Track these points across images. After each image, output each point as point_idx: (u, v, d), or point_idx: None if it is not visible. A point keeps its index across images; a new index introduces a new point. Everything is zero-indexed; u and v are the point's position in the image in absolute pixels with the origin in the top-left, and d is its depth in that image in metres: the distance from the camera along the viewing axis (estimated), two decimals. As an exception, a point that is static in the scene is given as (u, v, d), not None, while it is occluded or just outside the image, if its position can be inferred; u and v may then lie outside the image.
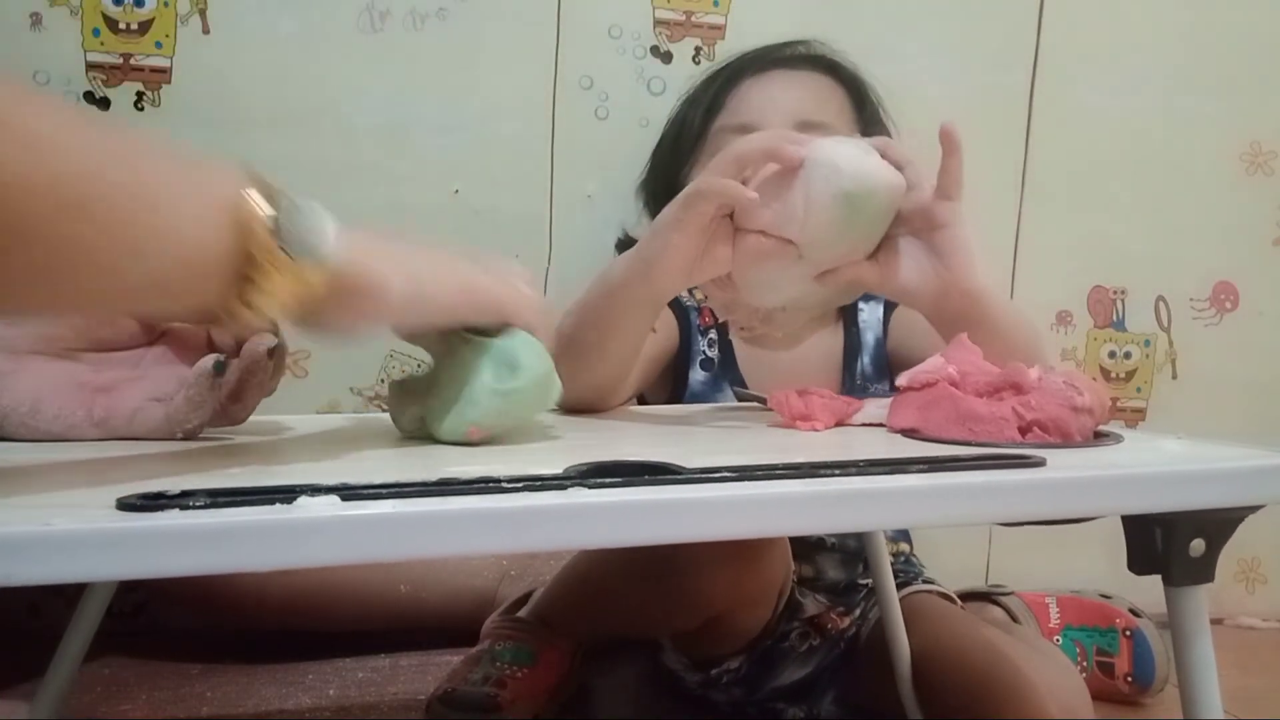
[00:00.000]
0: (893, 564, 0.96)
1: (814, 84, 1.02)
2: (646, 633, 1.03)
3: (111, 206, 0.40)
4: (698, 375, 1.00)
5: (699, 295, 1.03)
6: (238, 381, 0.61)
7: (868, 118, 1.03)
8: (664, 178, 1.08)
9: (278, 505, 0.38)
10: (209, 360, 0.61)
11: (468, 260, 0.60)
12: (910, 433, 0.63)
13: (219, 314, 0.46)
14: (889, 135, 1.04)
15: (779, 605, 0.96)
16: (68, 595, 0.78)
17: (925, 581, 1.03)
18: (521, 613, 1.01)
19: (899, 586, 0.94)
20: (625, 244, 1.14)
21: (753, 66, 1.03)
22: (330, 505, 0.38)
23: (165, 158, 0.44)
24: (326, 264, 0.48)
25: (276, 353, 0.62)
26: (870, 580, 1.00)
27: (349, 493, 0.40)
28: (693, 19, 1.21)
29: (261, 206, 0.45)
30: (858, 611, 1.00)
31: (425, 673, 1.05)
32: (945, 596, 1.01)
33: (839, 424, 0.69)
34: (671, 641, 1.00)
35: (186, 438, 0.61)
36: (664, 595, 0.89)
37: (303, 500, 0.39)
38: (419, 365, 0.86)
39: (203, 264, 0.44)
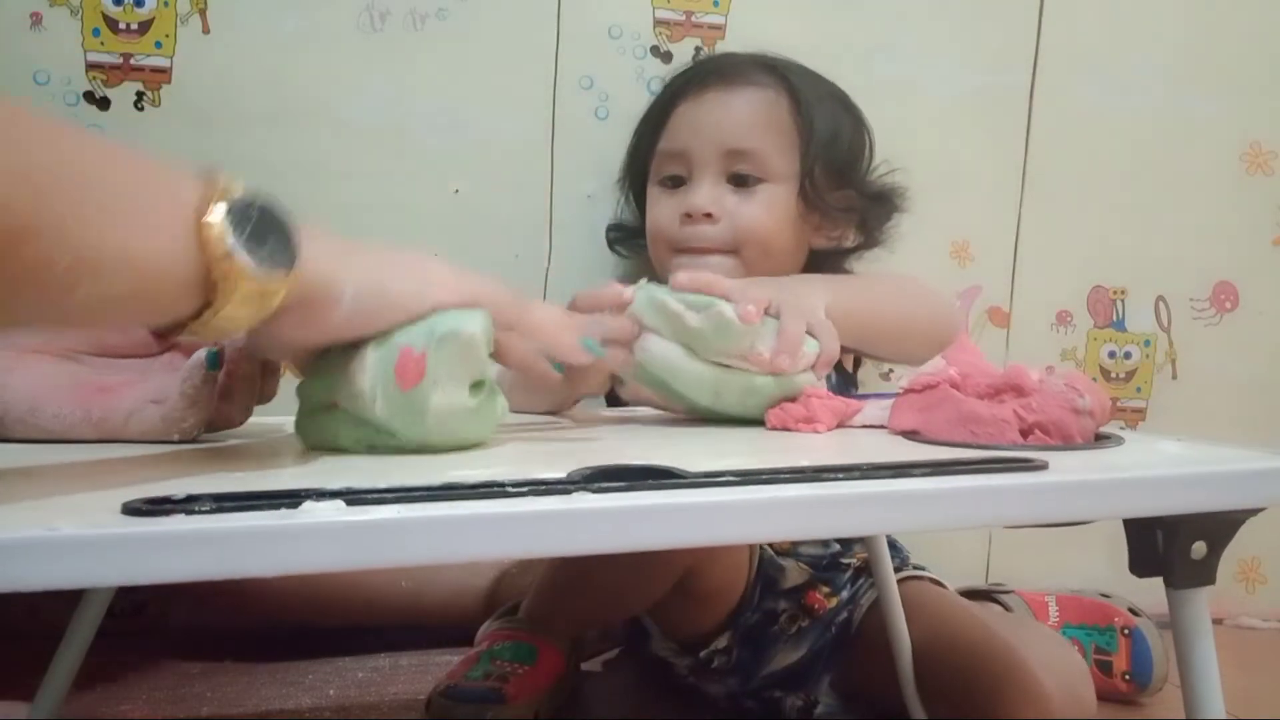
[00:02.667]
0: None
1: (750, 101, 1.03)
2: (628, 607, 1.02)
3: (62, 231, 0.38)
4: None
5: None
6: (225, 377, 0.61)
7: (811, 122, 1.02)
8: (636, 185, 1.12)
9: (283, 510, 0.38)
10: (202, 353, 0.61)
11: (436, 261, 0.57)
12: (911, 435, 0.63)
13: (183, 329, 0.45)
14: (841, 130, 1.05)
15: (752, 568, 0.96)
16: (67, 596, 0.78)
17: (916, 568, 1.03)
18: (519, 613, 1.01)
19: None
20: (615, 229, 1.16)
21: (692, 85, 1.05)
22: (335, 510, 0.38)
23: (123, 168, 0.42)
24: (289, 280, 0.46)
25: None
26: (854, 560, 1.01)
27: (354, 497, 0.40)
28: (693, 19, 1.21)
29: (225, 224, 0.44)
30: (846, 594, 1.00)
31: (425, 673, 1.05)
32: (936, 583, 1.02)
33: (840, 425, 0.69)
34: (658, 625, 1.00)
35: (183, 439, 0.61)
36: (634, 559, 0.89)
37: (308, 505, 0.39)
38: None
39: (162, 284, 0.43)
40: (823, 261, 1.07)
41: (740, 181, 1.01)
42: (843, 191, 1.04)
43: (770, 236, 1.01)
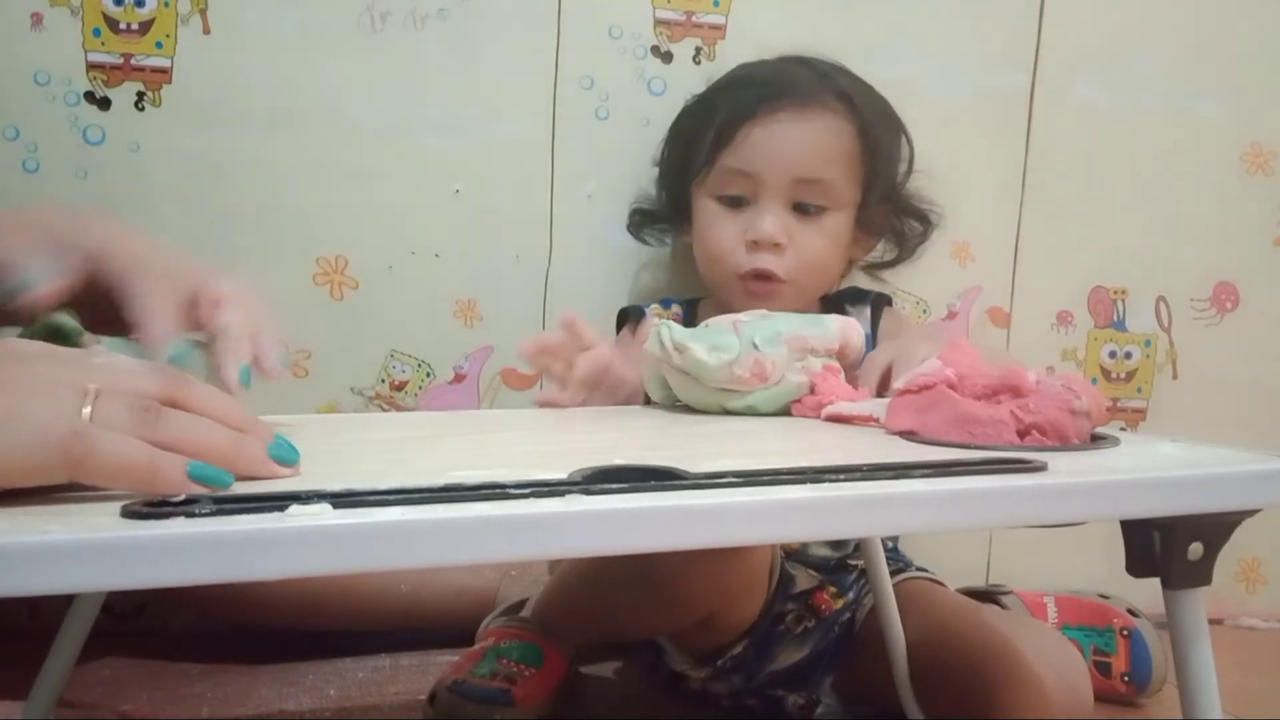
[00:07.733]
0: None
1: (824, 130, 1.05)
2: (641, 635, 1.03)
3: None
4: None
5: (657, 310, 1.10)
6: None
7: (876, 152, 1.06)
8: (675, 177, 1.12)
9: (285, 512, 0.38)
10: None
11: None
12: (909, 435, 0.63)
13: None
14: (892, 156, 1.09)
15: (771, 587, 0.97)
16: (67, 595, 0.78)
17: (919, 570, 1.04)
18: (524, 613, 1.01)
19: (891, 575, 0.95)
20: (640, 213, 1.17)
21: (764, 105, 1.04)
22: (338, 512, 0.38)
23: None
24: None
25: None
26: (860, 561, 1.01)
27: (356, 499, 0.40)
28: (693, 19, 1.21)
29: None
30: (851, 595, 1.01)
31: (425, 673, 1.05)
32: (936, 582, 1.02)
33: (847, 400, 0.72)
34: (672, 644, 1.00)
35: None
36: (651, 598, 0.89)
37: (310, 507, 0.38)
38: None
39: None
40: (854, 272, 1.14)
41: (803, 209, 1.04)
42: (885, 207, 1.09)
43: (828, 264, 1.06)
